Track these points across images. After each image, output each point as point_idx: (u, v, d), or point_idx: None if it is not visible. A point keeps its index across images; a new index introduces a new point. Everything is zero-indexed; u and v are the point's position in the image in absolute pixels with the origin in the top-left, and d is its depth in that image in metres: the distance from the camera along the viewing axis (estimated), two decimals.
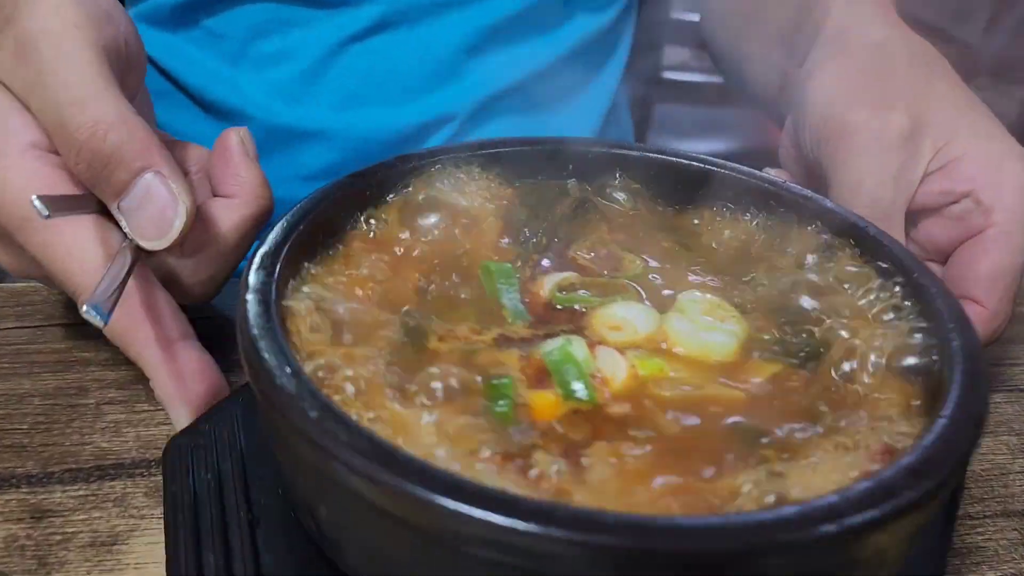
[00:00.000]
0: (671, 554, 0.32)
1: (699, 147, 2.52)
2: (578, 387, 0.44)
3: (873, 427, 0.43)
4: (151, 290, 0.54)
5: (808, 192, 0.57)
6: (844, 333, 0.48)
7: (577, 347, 0.46)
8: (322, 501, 0.41)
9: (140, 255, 0.53)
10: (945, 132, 0.62)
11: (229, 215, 0.58)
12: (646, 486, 0.39)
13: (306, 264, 0.51)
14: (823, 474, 0.40)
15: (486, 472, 0.39)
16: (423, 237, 0.56)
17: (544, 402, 0.44)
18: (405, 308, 0.49)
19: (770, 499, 0.38)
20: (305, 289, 0.49)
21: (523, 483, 0.39)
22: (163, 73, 0.97)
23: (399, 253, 0.55)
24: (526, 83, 0.93)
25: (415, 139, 0.92)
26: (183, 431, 0.55)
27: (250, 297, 0.45)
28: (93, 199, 0.53)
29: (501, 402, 0.43)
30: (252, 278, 0.46)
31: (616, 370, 0.46)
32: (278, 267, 0.48)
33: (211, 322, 0.65)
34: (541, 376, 0.46)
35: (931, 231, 0.64)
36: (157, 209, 0.52)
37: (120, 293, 0.49)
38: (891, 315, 0.49)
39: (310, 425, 0.37)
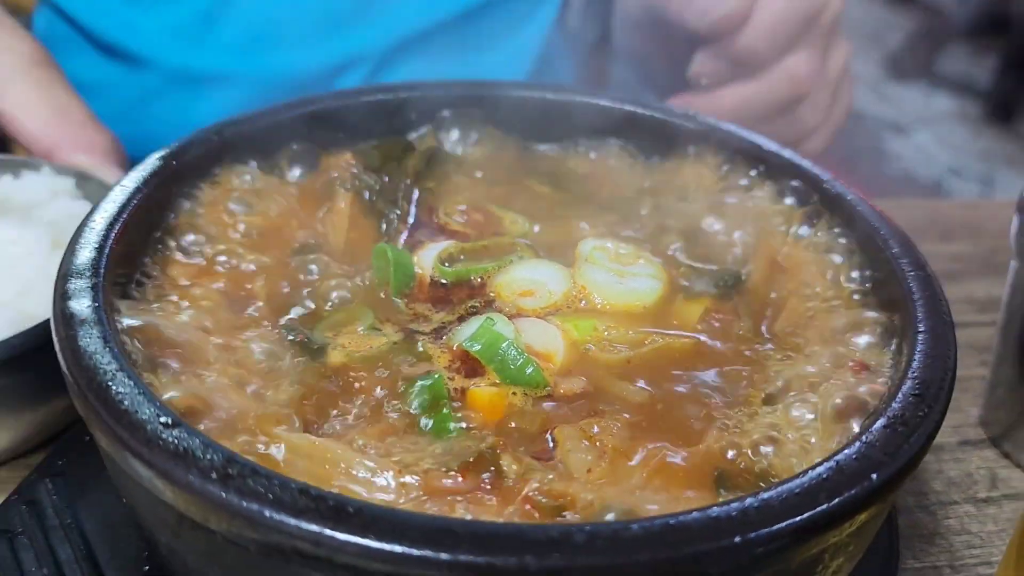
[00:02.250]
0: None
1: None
2: (530, 372, 0.37)
3: (830, 343, 0.41)
4: None
5: (682, 112, 0.54)
6: (764, 261, 0.46)
7: (502, 325, 0.40)
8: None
9: None
10: None
11: None
12: (639, 466, 0.34)
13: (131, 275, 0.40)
14: (811, 407, 0.37)
15: (464, 493, 0.32)
16: (271, 228, 0.46)
17: (486, 398, 0.37)
18: (284, 320, 0.40)
19: (768, 452, 0.34)
20: (143, 315, 0.38)
21: (505, 496, 0.32)
22: (61, 15, 0.89)
23: (230, 255, 0.45)
24: (445, 24, 0.87)
25: (322, 82, 0.86)
26: None
27: (82, 333, 0.34)
28: None
29: (444, 412, 0.35)
30: (75, 307, 0.35)
31: (552, 342, 0.40)
32: (99, 292, 0.37)
33: None
34: (469, 368, 0.39)
35: None
36: None
37: None
38: (805, 227, 0.47)
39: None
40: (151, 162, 0.46)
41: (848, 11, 0.88)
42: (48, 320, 0.47)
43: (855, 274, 0.45)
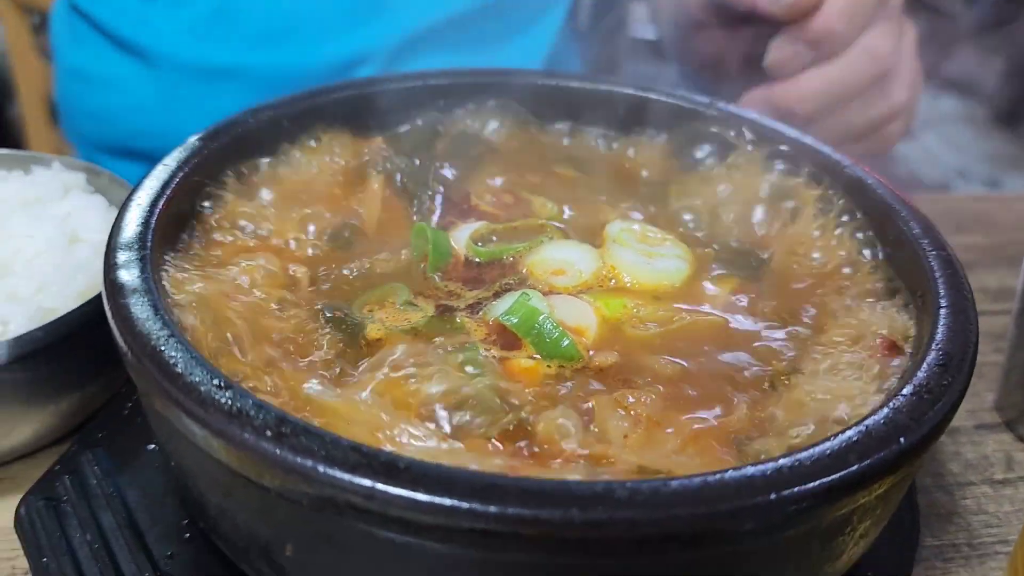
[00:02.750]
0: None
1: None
2: (565, 344, 0.39)
3: (855, 321, 0.42)
4: None
5: (704, 100, 0.55)
6: (790, 243, 0.47)
7: (537, 300, 0.41)
8: (273, 528, 0.33)
9: None
10: None
11: None
12: (674, 435, 0.36)
13: (172, 253, 0.42)
14: (839, 381, 0.38)
15: (506, 457, 0.33)
16: (305, 209, 0.47)
17: (522, 369, 0.39)
18: (320, 304, 0.41)
19: (807, 428, 0.35)
20: (192, 288, 0.39)
21: (545, 461, 0.34)
22: (78, 11, 0.91)
23: (267, 233, 0.46)
24: (457, 20, 0.88)
25: (335, 77, 0.86)
26: (32, 491, 0.43)
27: (133, 302, 0.35)
28: None
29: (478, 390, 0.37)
30: (125, 278, 0.36)
31: (584, 318, 0.42)
32: (147, 264, 0.38)
33: None
34: (506, 340, 0.40)
35: None
36: None
37: None
38: (826, 210, 0.49)
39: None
40: (190, 143, 0.48)
41: None
42: (68, 314, 0.49)
43: (878, 253, 0.46)
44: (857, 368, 0.40)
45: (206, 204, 0.47)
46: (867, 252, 0.47)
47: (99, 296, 0.49)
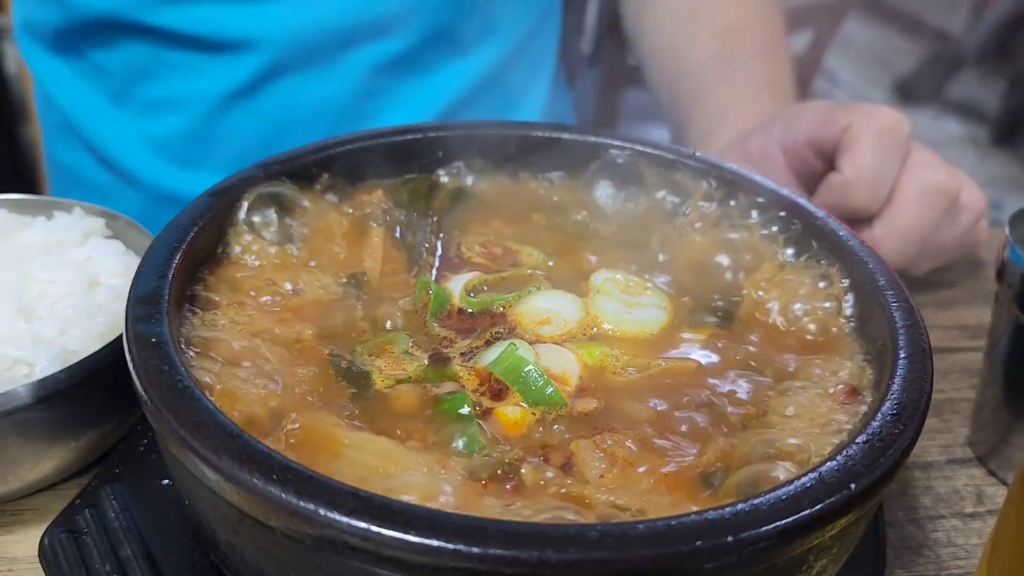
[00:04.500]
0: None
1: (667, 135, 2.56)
2: (550, 392, 0.42)
3: (820, 368, 0.45)
4: None
5: (687, 152, 0.58)
6: (761, 291, 0.51)
7: (524, 351, 0.45)
8: (275, 565, 0.37)
9: None
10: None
11: None
12: (647, 474, 0.39)
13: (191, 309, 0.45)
14: (803, 424, 0.41)
15: (492, 495, 0.36)
16: (312, 260, 0.51)
17: (511, 419, 0.42)
18: (328, 351, 0.45)
19: (773, 467, 0.39)
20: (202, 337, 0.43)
21: (529, 499, 0.37)
22: (54, 104, 0.94)
23: (280, 282, 0.49)
24: (450, 109, 0.92)
25: None
26: (55, 523, 0.47)
27: (152, 353, 0.38)
28: None
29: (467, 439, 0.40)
30: (145, 331, 0.40)
31: (568, 366, 0.45)
32: (165, 316, 0.41)
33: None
34: (495, 388, 0.44)
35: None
36: None
37: None
38: (794, 260, 0.52)
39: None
40: (201, 199, 0.51)
41: (859, 37, 0.94)
42: (88, 357, 0.52)
43: (844, 304, 0.50)
44: (820, 412, 0.43)
45: (220, 255, 0.50)
46: (834, 303, 0.50)
47: (118, 338, 0.53)
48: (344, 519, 0.32)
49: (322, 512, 0.33)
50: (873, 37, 6.67)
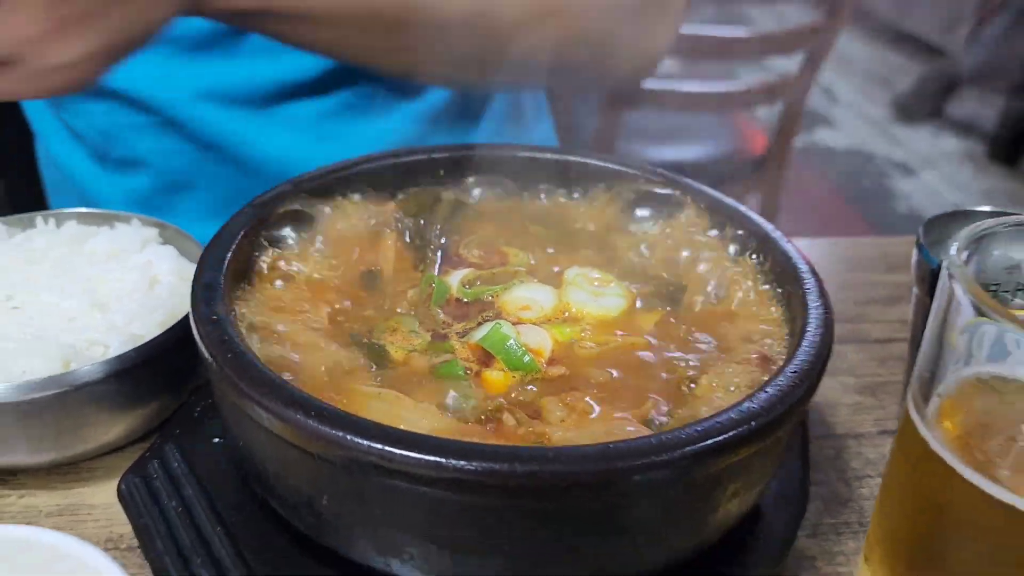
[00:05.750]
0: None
1: (669, 153, 2.63)
2: (527, 360, 0.53)
3: (744, 342, 0.56)
4: None
5: (652, 170, 0.70)
6: (701, 268, 0.62)
7: (507, 328, 0.56)
8: (317, 488, 0.48)
9: None
10: None
11: None
12: (597, 420, 0.50)
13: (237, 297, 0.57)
14: (720, 386, 0.53)
15: (478, 434, 0.48)
16: (333, 254, 0.63)
17: (494, 381, 0.53)
18: (352, 332, 0.56)
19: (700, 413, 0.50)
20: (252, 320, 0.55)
21: (505, 436, 0.48)
22: (54, 160, 1.04)
23: (320, 278, 0.61)
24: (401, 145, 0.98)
25: None
26: (130, 471, 0.58)
27: (214, 327, 0.50)
28: None
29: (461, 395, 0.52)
30: (210, 310, 0.52)
31: (542, 341, 0.56)
32: (222, 299, 0.53)
33: None
34: (484, 358, 0.55)
35: None
36: None
37: None
38: (734, 257, 0.63)
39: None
40: (246, 210, 0.63)
41: (860, 55, 1.03)
42: (151, 340, 0.64)
43: (769, 290, 0.61)
44: (741, 375, 0.54)
45: (261, 254, 0.62)
46: (764, 288, 0.62)
47: (175, 326, 0.65)
48: (367, 443, 0.44)
49: (350, 439, 0.44)
50: (872, 55, 6.78)
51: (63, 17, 0.59)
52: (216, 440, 0.62)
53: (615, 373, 0.55)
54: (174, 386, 0.68)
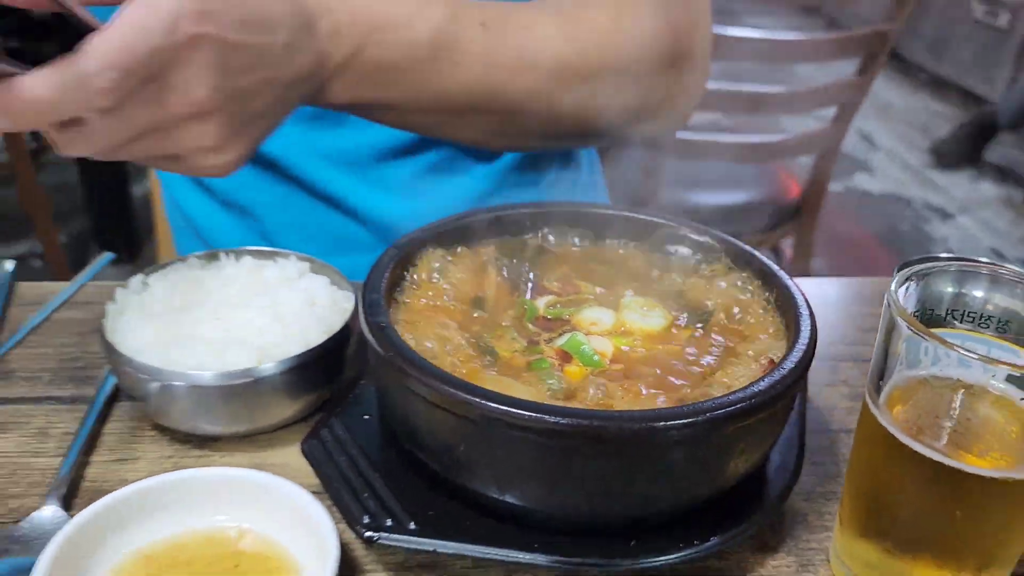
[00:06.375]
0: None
1: (709, 199, 2.95)
2: (596, 359, 0.77)
3: (755, 350, 0.79)
4: None
5: (691, 225, 0.93)
6: (722, 298, 0.85)
7: (581, 337, 0.80)
8: (454, 438, 0.71)
9: None
10: None
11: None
12: (643, 398, 0.73)
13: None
14: (733, 379, 0.75)
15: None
16: (453, 283, 0.87)
17: (573, 373, 0.77)
18: (468, 336, 0.80)
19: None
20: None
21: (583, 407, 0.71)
22: (179, 208, 1.33)
23: (446, 300, 0.86)
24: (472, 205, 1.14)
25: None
26: (308, 436, 0.82)
27: (381, 325, 0.74)
28: None
29: (551, 381, 0.75)
30: (375, 318, 0.76)
31: (606, 347, 0.80)
32: (383, 305, 0.77)
33: None
34: (565, 357, 0.78)
35: None
36: None
37: None
38: (744, 286, 0.87)
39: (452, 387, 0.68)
40: (391, 250, 0.87)
41: (899, 103, 1.23)
42: (317, 346, 0.87)
43: (774, 313, 0.84)
44: (748, 373, 0.76)
45: (407, 277, 0.86)
46: (770, 313, 0.84)
47: (332, 336, 0.89)
48: (495, 406, 0.66)
49: (484, 403, 0.67)
50: (912, 102, 6.94)
51: (234, 131, 0.76)
52: (366, 417, 0.85)
53: (658, 371, 0.78)
54: (329, 379, 0.92)
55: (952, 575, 0.71)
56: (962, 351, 0.64)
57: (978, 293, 0.75)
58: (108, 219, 3.63)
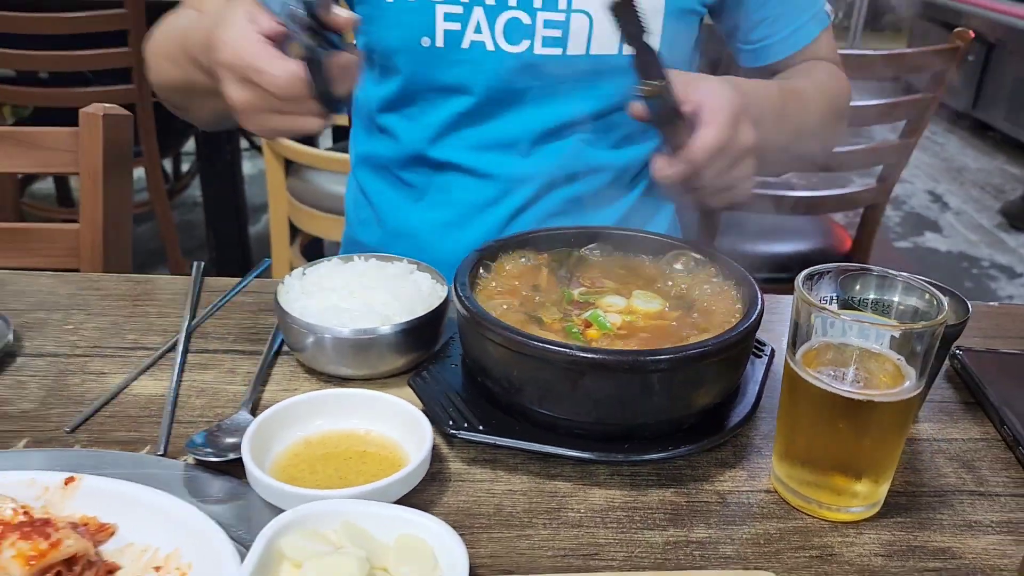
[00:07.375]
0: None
1: (763, 248, 3.33)
2: (608, 326, 1.16)
3: (722, 324, 1.17)
4: None
5: (683, 242, 1.32)
6: (706, 292, 1.23)
7: (600, 314, 1.18)
8: (510, 367, 1.10)
9: None
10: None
11: None
12: (642, 346, 1.11)
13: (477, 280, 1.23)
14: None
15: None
16: (518, 273, 1.27)
17: (592, 334, 1.16)
18: (524, 309, 1.20)
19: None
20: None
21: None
22: (368, 204, 1.82)
23: (515, 284, 1.26)
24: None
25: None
26: (414, 376, 1.22)
27: (468, 295, 1.15)
28: None
29: (577, 338, 1.14)
30: (464, 293, 1.16)
31: (616, 320, 1.19)
32: (469, 288, 1.18)
33: None
34: (587, 325, 1.17)
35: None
36: None
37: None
38: (721, 283, 1.24)
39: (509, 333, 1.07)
40: (473, 254, 1.28)
41: (973, 165, 1.66)
42: (418, 316, 1.28)
43: (740, 303, 1.21)
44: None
45: (483, 273, 1.27)
46: (733, 295, 1.21)
47: (431, 311, 1.29)
48: (544, 345, 1.05)
49: (536, 344, 1.05)
50: (987, 165, 7.08)
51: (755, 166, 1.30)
52: (453, 365, 1.25)
53: (652, 336, 1.16)
54: (427, 344, 1.32)
55: (844, 481, 1.06)
56: (844, 318, 1.01)
57: (868, 290, 1.12)
58: (227, 252, 4.17)
